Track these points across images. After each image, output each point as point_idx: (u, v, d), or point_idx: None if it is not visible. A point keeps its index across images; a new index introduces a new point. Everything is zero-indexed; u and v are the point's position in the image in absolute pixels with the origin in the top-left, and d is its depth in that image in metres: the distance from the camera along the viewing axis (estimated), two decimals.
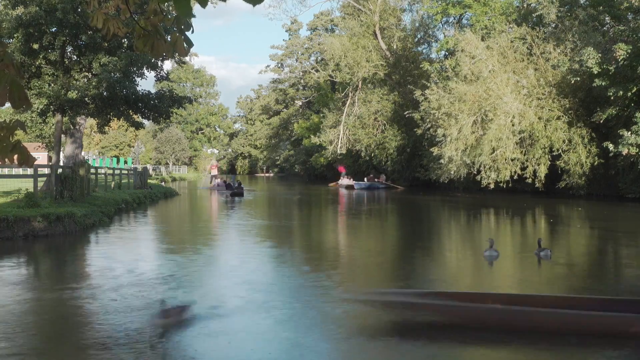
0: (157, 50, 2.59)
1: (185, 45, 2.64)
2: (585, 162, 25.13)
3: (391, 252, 11.12)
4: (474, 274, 8.69)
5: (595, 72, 22.10)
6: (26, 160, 2.30)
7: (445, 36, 37.33)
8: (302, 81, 78.87)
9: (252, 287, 7.28)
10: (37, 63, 19.49)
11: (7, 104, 2.41)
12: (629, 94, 21.85)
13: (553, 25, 27.95)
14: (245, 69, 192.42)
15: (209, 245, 12.01)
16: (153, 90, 21.93)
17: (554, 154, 25.89)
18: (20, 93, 2.36)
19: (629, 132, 21.29)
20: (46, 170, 16.35)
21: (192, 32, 2.63)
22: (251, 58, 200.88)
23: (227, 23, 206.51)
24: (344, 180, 40.92)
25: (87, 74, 20.15)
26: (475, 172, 27.04)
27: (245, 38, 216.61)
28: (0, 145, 2.24)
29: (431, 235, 14.01)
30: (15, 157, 2.25)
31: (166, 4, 3.40)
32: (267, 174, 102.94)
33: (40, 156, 52.72)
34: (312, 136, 49.74)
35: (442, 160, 28.09)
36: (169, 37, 2.67)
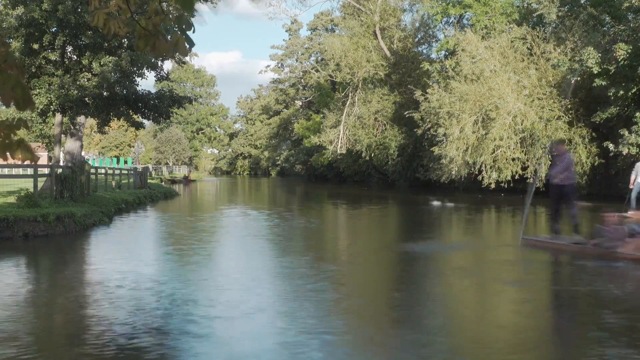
0: (158, 50, 2.61)
1: (186, 44, 2.67)
2: (586, 162, 25.14)
3: None
4: None
5: (595, 72, 22.11)
6: (30, 157, 2.33)
7: (445, 36, 37.31)
8: (302, 81, 78.88)
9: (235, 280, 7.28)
10: (37, 63, 19.49)
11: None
12: (629, 94, 21.86)
13: (553, 25, 27.94)
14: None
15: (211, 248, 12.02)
16: (153, 90, 21.93)
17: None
18: (24, 94, 2.37)
19: (629, 132, 21.30)
20: (46, 170, 16.37)
21: (194, 31, 2.66)
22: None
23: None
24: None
25: (87, 73, 20.15)
26: (476, 172, 27.03)
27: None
28: (3, 143, 2.27)
29: None
30: (19, 154, 2.27)
31: (166, 3, 3.42)
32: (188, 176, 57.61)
33: (41, 156, 52.41)
34: (312, 136, 49.72)
35: (442, 160, 28.10)
36: (170, 36, 2.69)
